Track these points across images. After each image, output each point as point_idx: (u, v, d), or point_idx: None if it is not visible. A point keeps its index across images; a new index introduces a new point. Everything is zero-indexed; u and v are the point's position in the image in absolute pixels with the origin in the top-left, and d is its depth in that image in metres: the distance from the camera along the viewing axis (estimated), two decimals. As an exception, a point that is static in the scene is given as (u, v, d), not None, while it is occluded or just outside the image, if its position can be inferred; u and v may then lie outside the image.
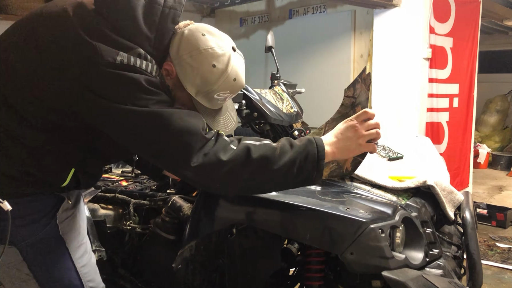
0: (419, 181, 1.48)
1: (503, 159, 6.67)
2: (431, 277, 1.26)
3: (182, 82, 1.19)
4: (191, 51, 1.16)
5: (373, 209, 1.32)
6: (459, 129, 4.24)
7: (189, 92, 1.20)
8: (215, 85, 1.19)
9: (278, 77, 1.97)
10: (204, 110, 1.23)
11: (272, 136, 1.77)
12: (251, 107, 1.66)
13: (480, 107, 7.08)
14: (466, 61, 4.21)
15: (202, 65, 1.16)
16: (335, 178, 1.53)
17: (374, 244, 1.23)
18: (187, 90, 1.20)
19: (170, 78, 1.20)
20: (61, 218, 1.24)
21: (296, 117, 1.82)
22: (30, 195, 1.19)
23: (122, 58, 1.07)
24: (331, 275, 1.59)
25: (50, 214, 1.22)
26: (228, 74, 1.18)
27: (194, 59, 1.16)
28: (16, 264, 1.20)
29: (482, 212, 4.14)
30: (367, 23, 4.28)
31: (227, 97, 1.25)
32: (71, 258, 1.26)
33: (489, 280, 3.01)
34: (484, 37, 5.40)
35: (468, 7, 4.14)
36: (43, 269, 1.22)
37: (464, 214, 1.47)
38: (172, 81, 1.21)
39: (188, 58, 1.16)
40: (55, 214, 1.23)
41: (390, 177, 1.55)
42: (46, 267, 1.22)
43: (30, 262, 1.20)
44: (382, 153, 1.75)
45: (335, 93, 4.74)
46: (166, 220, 1.68)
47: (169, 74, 1.20)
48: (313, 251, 1.56)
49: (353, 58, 4.47)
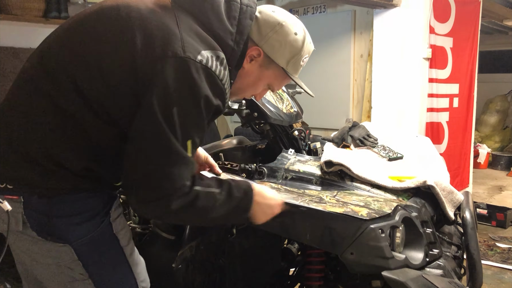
0: (419, 181, 1.48)
1: (503, 159, 6.67)
2: (431, 277, 1.26)
3: (273, 57, 1.26)
4: (274, 27, 1.25)
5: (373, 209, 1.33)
6: (459, 129, 4.24)
7: (280, 65, 1.27)
8: (302, 50, 1.29)
9: (278, 77, 1.97)
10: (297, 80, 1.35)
11: (272, 136, 1.77)
12: (251, 107, 1.66)
13: (480, 107, 7.08)
14: (466, 61, 4.21)
15: (287, 36, 1.25)
16: (335, 178, 1.53)
17: (374, 244, 1.24)
18: (278, 64, 1.27)
19: (255, 62, 1.26)
20: (114, 216, 1.22)
21: (296, 117, 1.82)
22: (86, 191, 1.15)
23: (202, 58, 1.08)
24: (331, 275, 1.59)
25: (103, 212, 1.19)
26: (307, 38, 1.30)
27: (279, 33, 1.25)
28: (68, 263, 1.16)
29: (482, 212, 4.14)
30: (367, 23, 4.28)
31: (305, 62, 1.35)
32: (125, 257, 1.23)
33: (489, 280, 3.01)
34: (484, 37, 5.40)
35: (468, 7, 4.14)
36: (98, 269, 1.19)
37: (464, 214, 1.47)
38: (257, 64, 1.27)
39: (273, 34, 1.24)
40: (108, 212, 1.20)
41: (390, 177, 1.55)
42: (102, 267, 1.19)
43: (85, 262, 1.16)
44: (382, 153, 1.75)
45: (335, 93, 4.75)
46: (166, 220, 1.68)
47: (254, 58, 1.26)
48: (313, 251, 1.56)
49: (353, 58, 4.47)
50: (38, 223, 1.11)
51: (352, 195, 1.43)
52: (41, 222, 1.11)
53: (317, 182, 1.52)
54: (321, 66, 4.72)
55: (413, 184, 1.48)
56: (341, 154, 1.59)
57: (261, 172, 1.56)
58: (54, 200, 1.11)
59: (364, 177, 1.50)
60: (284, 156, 1.62)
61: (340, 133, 1.82)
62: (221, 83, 1.12)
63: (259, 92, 1.36)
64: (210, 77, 1.09)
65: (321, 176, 1.53)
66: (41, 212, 1.11)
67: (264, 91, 1.38)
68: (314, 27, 4.78)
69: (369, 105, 4.15)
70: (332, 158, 1.51)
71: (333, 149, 1.69)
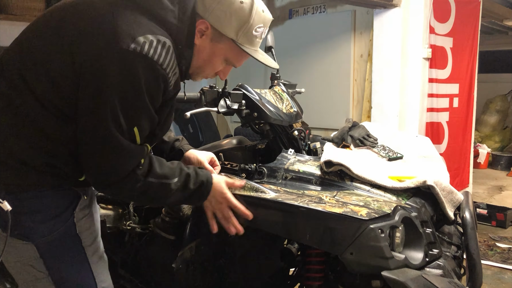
0: (419, 181, 1.48)
1: (503, 159, 6.67)
2: (431, 277, 1.26)
3: (220, 30, 1.24)
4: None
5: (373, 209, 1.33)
6: (459, 129, 4.24)
7: (230, 37, 1.25)
8: (250, 19, 1.25)
9: (278, 77, 1.97)
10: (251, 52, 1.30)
11: (272, 136, 1.77)
12: (251, 107, 1.66)
13: (480, 107, 7.08)
14: (466, 61, 4.21)
15: (232, 5, 1.23)
16: (335, 178, 1.53)
17: (374, 244, 1.24)
18: (227, 36, 1.25)
19: (206, 37, 1.25)
20: (78, 217, 1.24)
21: (296, 117, 1.82)
22: (50, 188, 1.19)
23: (136, 46, 1.08)
24: (331, 275, 1.59)
25: (68, 211, 1.23)
26: (257, 6, 1.26)
27: (223, 3, 1.22)
28: (31, 261, 1.19)
29: (482, 212, 4.14)
30: (367, 23, 4.28)
31: (262, 33, 1.31)
32: (86, 257, 1.26)
33: (489, 280, 3.01)
34: (484, 37, 5.40)
35: (468, 7, 4.14)
36: (59, 267, 1.22)
37: (464, 214, 1.47)
38: (208, 38, 1.26)
39: (217, 5, 1.22)
40: (73, 212, 1.23)
41: (390, 177, 1.55)
42: (63, 265, 1.22)
43: (46, 260, 1.20)
44: (382, 153, 1.75)
45: (335, 93, 4.75)
46: (166, 220, 1.68)
47: (204, 32, 1.25)
48: (313, 251, 1.56)
49: (353, 58, 4.47)
50: (4, 219, 1.12)
51: (351, 195, 1.43)
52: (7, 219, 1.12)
53: (317, 182, 1.52)
54: (321, 66, 4.72)
55: (413, 184, 1.48)
56: (341, 154, 1.59)
57: (261, 172, 1.56)
58: (20, 197, 1.15)
59: (364, 177, 1.50)
60: (284, 156, 1.62)
61: (340, 133, 1.82)
62: (160, 67, 1.12)
63: (219, 69, 1.34)
64: (147, 64, 1.10)
65: (321, 176, 1.53)
66: None
67: (227, 68, 1.36)
68: (314, 27, 4.81)
69: (369, 105, 4.15)
70: (332, 158, 1.51)
71: (333, 149, 1.69)
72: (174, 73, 1.18)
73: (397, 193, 1.48)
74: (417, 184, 1.48)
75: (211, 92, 1.60)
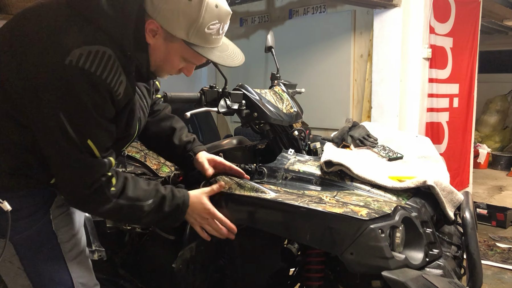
0: (419, 181, 1.48)
1: (503, 159, 6.67)
2: (431, 277, 1.26)
3: (170, 30, 1.18)
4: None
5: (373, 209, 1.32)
6: (459, 129, 4.24)
7: (181, 38, 1.19)
8: (200, 17, 1.16)
9: (278, 77, 1.97)
10: (205, 52, 1.22)
11: (272, 136, 1.77)
12: (251, 107, 1.66)
13: (480, 107, 7.08)
14: (466, 61, 4.21)
15: (178, 4, 1.15)
16: (335, 178, 1.53)
17: (374, 244, 1.24)
18: (178, 37, 1.19)
19: (159, 36, 1.20)
20: (55, 214, 1.28)
21: (296, 117, 1.82)
22: (23, 189, 1.23)
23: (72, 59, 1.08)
24: (331, 275, 1.59)
25: (43, 209, 1.26)
26: (207, 2, 1.16)
27: (169, 2, 1.15)
28: (9, 258, 1.24)
29: (482, 212, 4.14)
30: (367, 23, 4.28)
31: (219, 29, 1.22)
32: (62, 254, 1.29)
33: (489, 280, 3.01)
34: (484, 37, 5.40)
35: (468, 7, 4.14)
36: (33, 263, 1.25)
37: (464, 214, 1.47)
38: (161, 38, 1.20)
39: (163, 4, 1.16)
40: (48, 209, 1.27)
41: (390, 177, 1.55)
42: (37, 261, 1.25)
43: (21, 256, 1.24)
44: (382, 153, 1.75)
45: (335, 93, 4.75)
46: (166, 220, 1.67)
47: (155, 32, 1.19)
48: (313, 251, 1.56)
49: (353, 58, 4.47)
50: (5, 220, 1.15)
51: (352, 195, 1.43)
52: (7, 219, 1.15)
53: (317, 182, 1.52)
54: (321, 66, 4.72)
55: (413, 184, 1.48)
56: (341, 154, 1.59)
57: (261, 172, 1.56)
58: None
59: (364, 177, 1.50)
60: (284, 156, 1.62)
61: (340, 133, 1.82)
62: (98, 78, 1.10)
63: (180, 67, 1.29)
64: (84, 76, 1.09)
65: (321, 176, 1.53)
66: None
67: (189, 65, 1.30)
68: (314, 27, 4.81)
69: (369, 105, 4.15)
70: (332, 158, 1.51)
71: (333, 149, 1.69)
72: (120, 82, 1.15)
73: (397, 193, 1.48)
74: (417, 184, 1.48)
75: (211, 92, 1.60)
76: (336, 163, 1.50)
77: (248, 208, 1.43)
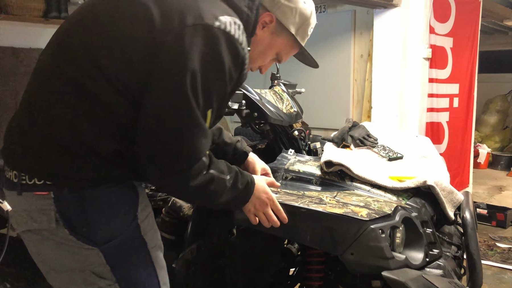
0: (419, 181, 1.48)
1: (503, 159, 6.67)
2: (431, 277, 1.26)
3: (285, 24, 1.31)
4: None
5: (373, 209, 1.33)
6: (459, 129, 4.24)
7: (291, 32, 1.32)
8: (310, 18, 1.35)
9: (278, 77, 1.97)
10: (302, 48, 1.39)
11: (272, 136, 1.77)
12: (251, 107, 1.66)
13: (480, 107, 7.08)
14: (466, 61, 4.21)
15: (298, 3, 1.31)
16: (335, 178, 1.53)
17: (374, 245, 1.24)
18: (289, 30, 1.32)
19: (267, 29, 1.30)
20: (142, 217, 1.17)
21: (296, 117, 1.82)
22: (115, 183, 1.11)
23: (220, 24, 1.08)
24: (331, 275, 1.59)
25: (131, 211, 1.15)
26: (313, 8, 1.37)
27: (291, 1, 1.30)
28: (95, 268, 1.11)
29: (482, 212, 4.14)
30: (367, 23, 4.28)
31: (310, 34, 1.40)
32: (152, 261, 1.19)
33: (489, 280, 3.01)
34: (484, 37, 5.40)
35: (468, 7, 4.14)
36: (126, 272, 1.13)
37: (464, 214, 1.47)
38: (269, 31, 1.31)
39: (285, 1, 1.30)
40: (136, 212, 1.15)
41: (390, 177, 1.55)
42: (130, 270, 1.14)
43: (113, 265, 1.11)
44: (382, 153, 1.75)
45: (335, 93, 4.75)
46: (166, 220, 1.68)
47: (267, 24, 1.30)
48: (313, 251, 1.56)
49: (353, 58, 4.48)
50: (71, 219, 1.06)
51: (352, 196, 1.43)
52: (74, 218, 1.06)
53: (317, 182, 1.52)
54: (321, 66, 4.69)
55: (413, 184, 1.48)
56: (341, 154, 1.59)
57: (261, 172, 1.56)
58: (85, 193, 1.07)
59: (364, 177, 1.50)
60: (284, 156, 1.62)
61: (340, 133, 1.82)
62: (241, 48, 1.12)
63: (267, 62, 1.38)
64: (230, 42, 1.09)
65: (321, 176, 1.53)
66: (74, 207, 1.07)
67: (270, 63, 1.40)
68: (314, 27, 4.81)
69: (369, 105, 4.15)
70: (332, 158, 1.51)
71: (333, 149, 1.69)
72: (247, 56, 1.17)
73: (397, 193, 1.48)
74: (417, 184, 1.48)
75: (211, 92, 1.60)
76: (336, 163, 1.50)
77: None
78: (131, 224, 1.14)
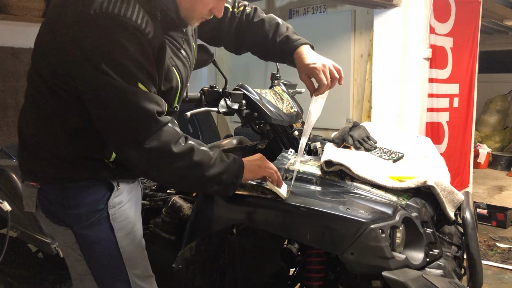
0: (419, 181, 1.48)
1: (503, 159, 6.67)
2: (431, 277, 1.26)
3: None
4: None
5: (374, 209, 1.32)
6: (459, 129, 4.24)
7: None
8: None
9: (278, 77, 1.97)
10: None
11: (272, 136, 1.77)
12: (251, 107, 1.66)
13: (480, 107, 7.08)
14: (466, 61, 4.21)
15: None
16: (335, 178, 1.53)
17: (375, 245, 1.24)
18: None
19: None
20: (112, 205, 1.31)
21: (296, 117, 1.82)
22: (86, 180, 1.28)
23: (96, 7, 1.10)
24: (331, 275, 1.59)
25: (102, 200, 1.30)
26: None
27: None
28: (71, 245, 1.31)
29: (482, 212, 4.14)
30: (367, 23, 4.28)
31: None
32: (117, 246, 1.32)
33: (489, 280, 3.01)
34: (484, 37, 5.40)
35: (468, 7, 4.14)
36: (91, 253, 1.31)
37: (464, 214, 1.47)
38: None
39: None
40: (107, 202, 1.30)
41: (390, 177, 1.55)
42: (94, 251, 1.31)
43: (81, 245, 1.30)
44: (385, 156, 1.74)
45: (335, 93, 4.73)
46: (166, 220, 1.68)
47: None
48: (313, 251, 1.56)
49: (353, 58, 4.47)
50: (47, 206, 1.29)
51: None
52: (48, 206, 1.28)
53: (317, 182, 1.52)
54: (321, 66, 4.71)
55: (414, 184, 1.48)
56: (342, 154, 1.59)
57: (261, 172, 1.55)
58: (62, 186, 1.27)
59: (364, 177, 1.50)
60: (284, 156, 1.62)
61: (340, 134, 1.82)
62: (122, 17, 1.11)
63: (211, 6, 1.29)
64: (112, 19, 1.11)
65: (321, 176, 1.53)
66: (51, 198, 1.28)
67: (219, 3, 1.31)
68: (314, 27, 4.81)
69: (369, 105, 4.15)
70: (332, 158, 1.51)
71: (334, 149, 1.69)
72: (146, 21, 1.16)
73: (397, 193, 1.48)
74: (417, 184, 1.48)
75: (211, 92, 1.60)
76: (336, 163, 1.50)
77: (248, 208, 1.42)
78: (101, 211, 1.29)
